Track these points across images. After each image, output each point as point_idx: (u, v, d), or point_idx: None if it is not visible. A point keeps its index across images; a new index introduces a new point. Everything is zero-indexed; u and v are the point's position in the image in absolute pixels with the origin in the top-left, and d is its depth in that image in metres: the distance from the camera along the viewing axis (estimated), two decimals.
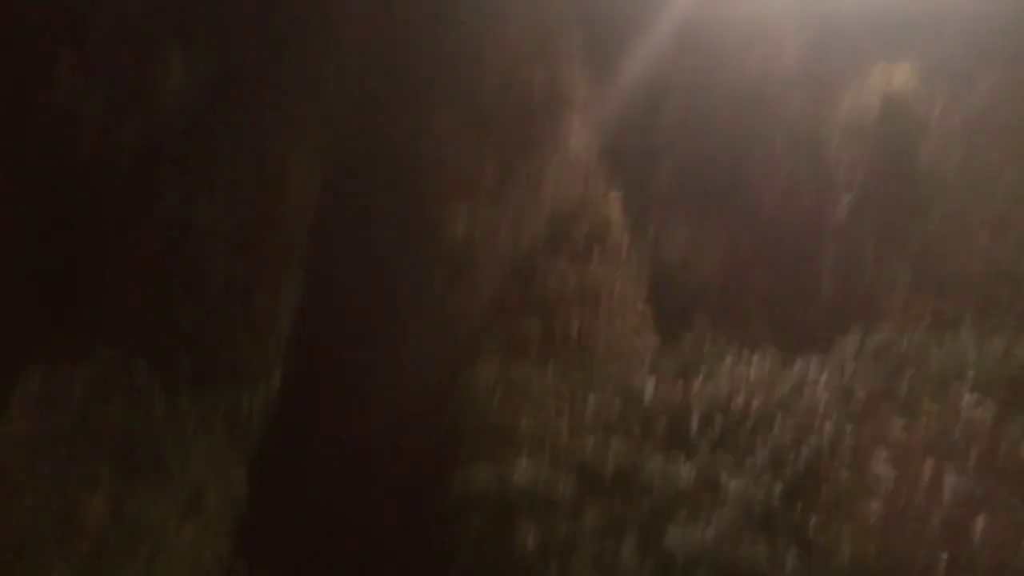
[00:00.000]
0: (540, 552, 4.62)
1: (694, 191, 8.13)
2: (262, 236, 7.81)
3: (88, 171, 7.51)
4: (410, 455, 6.49)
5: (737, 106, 8.44)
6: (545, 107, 8.24)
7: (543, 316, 7.16)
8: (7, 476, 4.96)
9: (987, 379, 5.46)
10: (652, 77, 8.42)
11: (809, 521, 4.50)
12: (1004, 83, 9.00)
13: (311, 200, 8.12)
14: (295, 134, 8.43)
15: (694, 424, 5.52)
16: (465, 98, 8.35)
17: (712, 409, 5.67)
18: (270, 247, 7.77)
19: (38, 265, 6.96)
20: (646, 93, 8.39)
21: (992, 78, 9.16)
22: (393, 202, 8.07)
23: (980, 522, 4.31)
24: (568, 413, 5.97)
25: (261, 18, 9.21)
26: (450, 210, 7.79)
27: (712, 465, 5.06)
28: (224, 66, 8.79)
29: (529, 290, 7.40)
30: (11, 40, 7.73)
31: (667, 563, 4.37)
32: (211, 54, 8.18)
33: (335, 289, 8.09)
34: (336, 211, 8.22)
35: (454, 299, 7.48)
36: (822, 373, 5.92)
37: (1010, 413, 5.04)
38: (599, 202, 7.64)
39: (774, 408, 5.59)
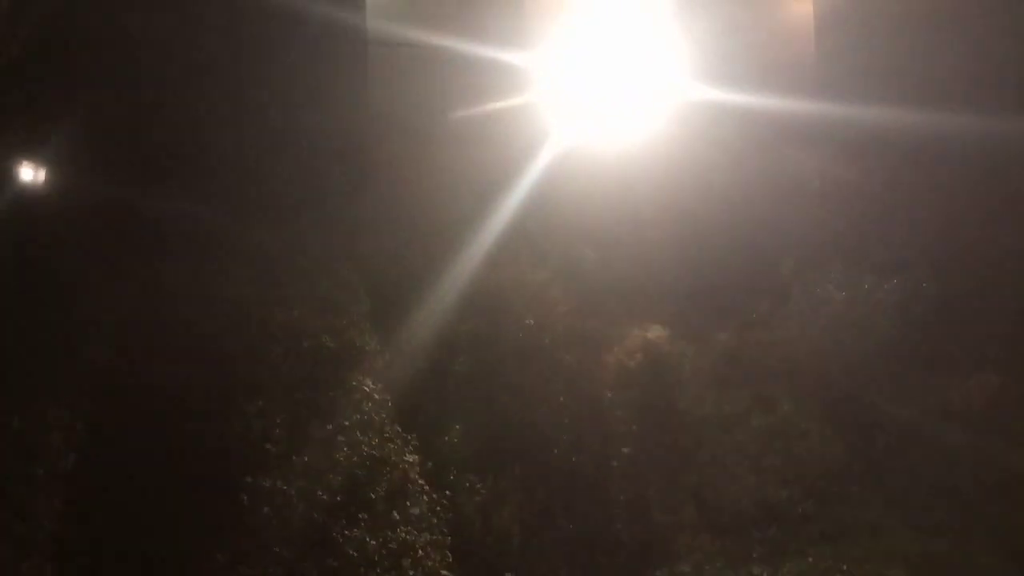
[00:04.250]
0: None
1: (487, 447, 8.26)
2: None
3: None
4: None
5: (520, 363, 8.92)
6: (335, 370, 8.21)
7: None
8: None
9: None
10: (439, 338, 8.76)
11: None
12: (740, 335, 10.31)
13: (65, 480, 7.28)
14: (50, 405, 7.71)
15: None
16: (251, 360, 8.14)
17: None
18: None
19: None
20: (434, 353, 8.67)
21: (727, 333, 10.49)
22: (168, 474, 7.41)
23: None
24: None
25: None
26: (234, 480, 7.27)
27: None
28: None
29: (326, 560, 6.91)
30: None
31: None
32: None
33: None
34: (98, 490, 7.40)
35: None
36: None
37: None
38: (395, 463, 7.51)
39: None
